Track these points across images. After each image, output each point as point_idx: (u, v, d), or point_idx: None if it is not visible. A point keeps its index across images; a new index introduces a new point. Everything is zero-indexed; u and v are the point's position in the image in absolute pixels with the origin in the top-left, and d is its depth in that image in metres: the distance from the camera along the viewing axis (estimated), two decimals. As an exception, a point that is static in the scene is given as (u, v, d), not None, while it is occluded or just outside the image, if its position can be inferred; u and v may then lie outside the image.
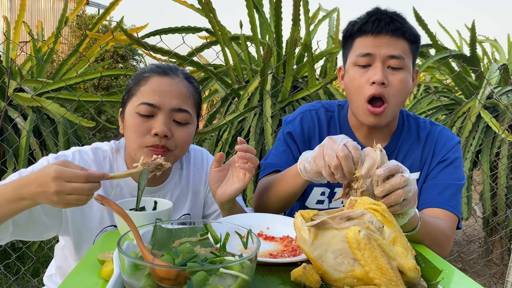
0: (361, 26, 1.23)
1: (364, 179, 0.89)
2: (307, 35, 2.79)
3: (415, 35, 1.25)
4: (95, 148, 1.23)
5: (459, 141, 1.34)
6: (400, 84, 1.21)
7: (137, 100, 1.15)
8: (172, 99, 1.15)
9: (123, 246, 0.69)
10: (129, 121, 1.15)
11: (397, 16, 1.24)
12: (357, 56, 1.23)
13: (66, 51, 8.52)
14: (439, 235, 1.11)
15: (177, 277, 0.62)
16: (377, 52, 1.21)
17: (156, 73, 1.18)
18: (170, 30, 2.89)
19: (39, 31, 3.51)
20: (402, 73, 1.22)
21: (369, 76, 1.21)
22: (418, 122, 1.37)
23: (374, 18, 1.22)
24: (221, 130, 2.92)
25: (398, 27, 1.21)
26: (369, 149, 0.93)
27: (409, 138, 1.34)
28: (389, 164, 0.90)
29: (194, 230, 0.82)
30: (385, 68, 1.21)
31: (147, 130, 1.13)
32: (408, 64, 1.23)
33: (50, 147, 2.60)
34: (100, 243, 0.97)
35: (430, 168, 1.32)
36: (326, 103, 1.44)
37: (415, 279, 0.70)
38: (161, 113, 1.13)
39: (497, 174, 3.02)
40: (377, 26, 1.21)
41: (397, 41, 1.21)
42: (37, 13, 13.07)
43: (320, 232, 0.73)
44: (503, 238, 3.25)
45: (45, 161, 1.15)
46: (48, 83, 2.63)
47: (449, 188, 1.26)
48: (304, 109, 1.43)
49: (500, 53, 3.86)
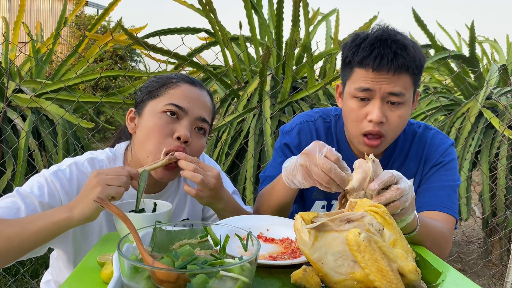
0: (361, 59, 1.16)
1: (357, 191, 0.87)
2: (307, 36, 2.79)
3: (418, 67, 1.18)
4: (91, 159, 1.20)
5: (452, 143, 1.33)
6: (399, 120, 1.19)
7: (164, 101, 1.16)
8: (200, 108, 1.18)
9: (123, 248, 0.69)
10: (151, 121, 1.15)
11: (401, 49, 1.15)
12: (356, 89, 1.18)
13: (65, 51, 8.51)
14: (438, 237, 1.11)
15: (177, 280, 0.62)
16: (377, 88, 1.15)
17: (185, 81, 1.21)
18: (169, 31, 2.89)
19: (38, 32, 3.50)
20: (402, 108, 1.18)
21: (367, 111, 1.17)
22: (414, 129, 1.36)
23: (376, 53, 1.14)
24: (220, 131, 2.92)
25: (402, 63, 1.13)
26: (361, 161, 0.90)
27: (404, 147, 1.34)
28: (383, 177, 0.87)
29: (194, 232, 0.82)
30: (384, 104, 1.17)
31: (169, 132, 1.13)
32: (408, 97, 1.19)
33: (49, 148, 2.59)
34: (100, 246, 0.97)
35: (423, 173, 1.31)
36: (324, 112, 1.41)
37: (415, 281, 0.70)
38: (187, 118, 1.16)
39: (497, 174, 3.02)
40: (379, 63, 1.13)
41: (399, 77, 1.15)
42: (36, 13, 13.05)
43: (320, 234, 0.73)
44: (502, 239, 3.25)
45: (41, 177, 1.12)
46: (47, 84, 2.63)
47: (443, 189, 1.25)
48: (301, 119, 1.40)
49: (500, 53, 3.87)
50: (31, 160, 2.49)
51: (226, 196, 1.15)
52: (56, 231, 0.95)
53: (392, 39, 1.16)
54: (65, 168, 1.15)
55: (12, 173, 2.47)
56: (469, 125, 2.99)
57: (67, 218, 0.94)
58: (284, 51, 2.77)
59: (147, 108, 1.18)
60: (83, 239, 1.17)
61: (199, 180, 1.05)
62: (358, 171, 0.89)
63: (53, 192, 1.10)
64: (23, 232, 0.94)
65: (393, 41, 1.15)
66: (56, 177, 1.12)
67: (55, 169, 1.14)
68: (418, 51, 1.19)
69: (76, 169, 1.16)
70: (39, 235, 0.95)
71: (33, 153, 2.51)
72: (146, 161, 1.13)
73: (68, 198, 1.10)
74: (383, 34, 1.17)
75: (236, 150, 2.72)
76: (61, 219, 0.94)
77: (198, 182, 1.05)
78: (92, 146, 2.86)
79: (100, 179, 0.94)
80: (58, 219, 0.94)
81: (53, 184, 1.11)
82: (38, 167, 2.51)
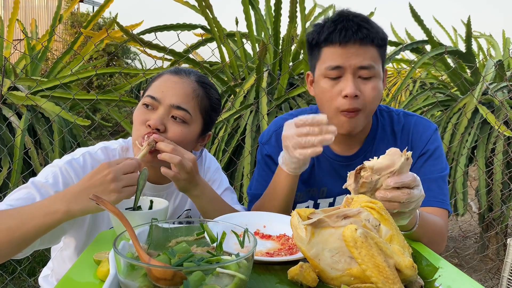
0: (327, 36, 1.18)
1: (374, 173, 0.86)
2: (304, 32, 2.78)
3: (382, 39, 1.20)
4: (104, 148, 1.23)
5: (436, 129, 1.32)
6: (373, 92, 1.19)
7: (146, 93, 1.20)
8: (173, 96, 1.17)
9: (119, 246, 0.69)
10: (135, 113, 1.20)
11: (364, 21, 1.18)
12: (327, 69, 1.19)
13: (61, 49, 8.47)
14: (435, 233, 1.11)
15: (173, 277, 0.62)
16: (346, 64, 1.16)
17: (169, 72, 1.23)
18: (165, 28, 2.87)
19: (33, 29, 3.48)
20: (374, 81, 1.19)
21: (340, 87, 1.18)
22: (392, 116, 1.35)
23: (341, 27, 1.16)
24: (217, 128, 2.91)
25: (366, 34, 1.16)
26: (396, 151, 0.87)
27: (384, 136, 1.33)
28: (405, 179, 0.85)
29: (191, 229, 0.82)
30: (356, 79, 1.18)
31: (145, 120, 1.16)
32: (378, 70, 1.20)
33: (45, 146, 2.58)
34: (96, 243, 0.97)
35: (412, 163, 1.30)
36: (299, 113, 1.38)
37: (412, 277, 0.70)
38: (161, 107, 1.17)
39: (493, 170, 3.03)
40: (344, 35, 1.15)
41: (366, 50, 1.17)
42: (31, 11, 12.97)
43: (316, 231, 0.73)
44: (498, 234, 3.27)
45: (55, 167, 1.13)
46: (42, 82, 2.61)
47: (434, 182, 1.24)
48: (276, 126, 1.39)
49: (496, 49, 3.87)
50: (27, 158, 2.48)
51: (201, 183, 1.15)
52: (52, 226, 0.94)
53: (353, 15, 1.20)
54: (79, 157, 1.17)
55: (8, 171, 2.46)
56: (465, 120, 2.99)
57: (65, 213, 0.92)
58: (281, 47, 2.76)
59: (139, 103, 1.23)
60: (93, 227, 1.18)
61: (177, 161, 1.06)
62: (386, 157, 0.86)
63: (68, 181, 1.11)
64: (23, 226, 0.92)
65: (355, 16, 1.19)
66: (70, 166, 1.13)
67: (68, 159, 1.15)
68: (380, 26, 1.22)
69: (90, 158, 1.18)
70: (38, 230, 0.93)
71: (29, 151, 2.50)
72: (135, 148, 1.17)
73: None
74: (343, 12, 1.21)
75: (233, 147, 2.72)
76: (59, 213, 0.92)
77: (176, 163, 1.06)
78: (89, 143, 2.85)
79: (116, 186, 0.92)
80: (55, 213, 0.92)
81: (68, 173, 1.12)
82: (34, 165, 2.50)
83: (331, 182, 1.34)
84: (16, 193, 1.06)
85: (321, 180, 1.35)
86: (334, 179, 1.33)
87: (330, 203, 1.37)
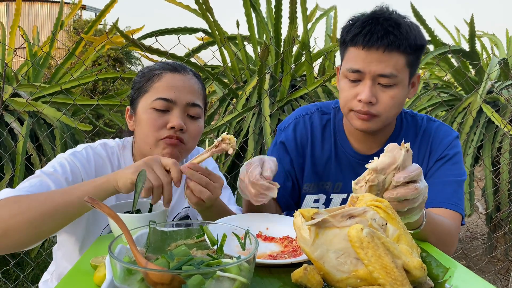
0: (353, 37, 1.15)
1: (378, 173, 0.83)
2: (305, 33, 2.76)
3: (413, 45, 1.14)
4: (103, 144, 1.25)
5: (457, 136, 1.30)
6: (391, 100, 1.16)
7: (152, 96, 1.18)
8: (187, 94, 1.19)
9: (116, 250, 0.67)
10: (143, 116, 1.18)
11: (394, 26, 1.12)
12: (348, 70, 1.17)
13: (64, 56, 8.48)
14: (444, 234, 1.08)
15: (171, 282, 0.59)
16: (366, 70, 1.14)
17: (167, 70, 1.22)
18: (166, 31, 2.86)
19: (34, 35, 3.48)
20: (394, 89, 1.16)
21: (357, 91, 1.17)
22: (416, 120, 1.33)
23: (367, 30, 1.13)
24: (219, 131, 2.89)
25: (392, 41, 1.11)
26: (394, 146, 0.85)
27: (406, 139, 1.29)
28: (411, 171, 0.83)
29: (190, 232, 0.79)
30: (375, 85, 1.15)
31: (163, 124, 1.16)
32: (402, 78, 1.16)
33: (47, 152, 2.57)
34: (94, 248, 0.94)
35: (428, 167, 1.28)
36: (323, 105, 1.39)
37: (421, 278, 0.67)
38: (177, 107, 1.18)
39: (499, 169, 2.99)
40: (368, 40, 1.12)
41: (390, 57, 1.12)
42: (34, 18, 13.05)
43: (321, 231, 0.70)
44: (507, 234, 3.22)
45: (61, 158, 1.15)
46: (43, 88, 2.61)
47: (449, 185, 1.22)
48: (298, 114, 1.38)
49: (499, 47, 3.83)
50: (29, 165, 2.46)
51: (216, 203, 1.11)
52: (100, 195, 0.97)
53: (385, 17, 1.15)
54: (81, 150, 1.19)
55: (10, 177, 2.45)
56: (470, 119, 2.95)
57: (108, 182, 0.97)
58: (283, 48, 2.74)
59: (139, 105, 1.21)
60: (93, 222, 1.18)
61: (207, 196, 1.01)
62: (387, 155, 0.84)
63: (75, 170, 1.13)
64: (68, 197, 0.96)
65: (386, 19, 1.14)
66: (75, 157, 1.15)
67: (72, 151, 1.18)
68: (415, 31, 1.16)
69: (92, 151, 1.20)
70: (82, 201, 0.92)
71: (31, 157, 2.49)
72: (150, 153, 1.17)
73: (88, 177, 1.14)
74: (377, 13, 1.17)
75: (236, 149, 2.69)
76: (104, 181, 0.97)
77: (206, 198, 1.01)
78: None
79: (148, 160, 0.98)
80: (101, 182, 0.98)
81: (73, 163, 1.14)
82: (36, 171, 2.49)
83: (348, 178, 1.32)
84: (26, 182, 1.07)
85: (337, 175, 1.33)
86: (350, 176, 1.31)
87: (344, 199, 1.35)
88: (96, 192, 0.97)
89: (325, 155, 1.34)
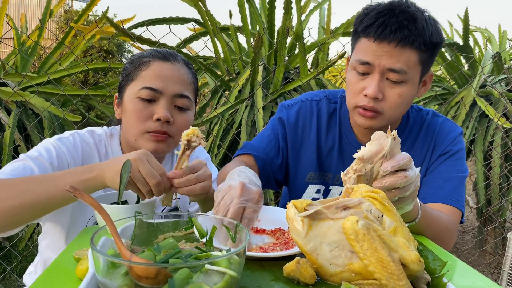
0: (365, 28, 1.10)
1: (365, 163, 0.80)
2: (299, 24, 2.72)
3: (428, 43, 1.08)
4: (91, 131, 1.21)
5: (461, 132, 1.28)
6: (398, 98, 1.12)
7: (138, 84, 1.14)
8: (175, 84, 1.14)
9: (99, 242, 0.63)
10: (129, 106, 1.14)
11: (409, 20, 1.06)
12: (357, 61, 1.12)
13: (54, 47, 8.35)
14: (441, 229, 1.06)
15: (157, 275, 0.56)
16: (376, 63, 1.09)
17: (157, 58, 1.17)
18: (157, 21, 2.80)
19: (23, 24, 3.39)
20: (403, 86, 1.11)
21: (364, 85, 1.12)
22: (421, 115, 1.30)
23: (380, 22, 1.07)
24: (212, 123, 2.85)
25: (406, 36, 1.05)
26: (381, 134, 0.81)
27: (411, 134, 1.28)
28: (400, 160, 0.79)
29: (178, 224, 0.76)
30: (383, 80, 1.11)
31: (149, 115, 1.12)
32: (412, 76, 1.11)
33: (35, 142, 2.51)
34: (79, 240, 0.91)
35: (430, 161, 1.25)
36: (330, 93, 1.35)
37: (418, 272, 0.64)
38: (163, 98, 1.13)
39: (491, 163, 2.99)
40: (381, 32, 1.06)
41: (402, 52, 1.07)
42: (24, 8, 12.82)
43: (314, 223, 0.67)
44: (497, 228, 3.23)
45: (46, 143, 1.11)
46: (31, 77, 2.55)
47: (450, 181, 1.20)
48: (305, 97, 1.35)
49: (492, 42, 3.83)
50: (16, 156, 2.41)
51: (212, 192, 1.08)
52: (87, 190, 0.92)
53: (401, 10, 1.08)
54: (68, 136, 1.15)
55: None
56: (463, 113, 2.95)
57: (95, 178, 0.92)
58: (276, 39, 2.70)
59: (126, 93, 1.17)
60: (79, 210, 1.14)
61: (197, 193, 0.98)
62: (373, 143, 0.80)
63: (61, 155, 1.09)
64: (51, 188, 0.92)
65: (402, 12, 1.08)
66: (61, 143, 1.12)
67: (58, 137, 1.14)
68: (432, 27, 1.10)
69: (79, 137, 1.16)
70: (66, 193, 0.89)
71: (18, 147, 2.44)
72: (135, 144, 1.13)
73: (74, 164, 1.10)
74: (394, 4, 1.10)
75: (228, 142, 2.67)
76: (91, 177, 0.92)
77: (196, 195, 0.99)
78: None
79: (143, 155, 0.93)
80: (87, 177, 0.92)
81: (59, 148, 1.10)
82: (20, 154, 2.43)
83: None
84: (9, 165, 1.03)
85: (338, 166, 1.31)
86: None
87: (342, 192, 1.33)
88: (82, 187, 0.93)
89: (329, 144, 1.31)
